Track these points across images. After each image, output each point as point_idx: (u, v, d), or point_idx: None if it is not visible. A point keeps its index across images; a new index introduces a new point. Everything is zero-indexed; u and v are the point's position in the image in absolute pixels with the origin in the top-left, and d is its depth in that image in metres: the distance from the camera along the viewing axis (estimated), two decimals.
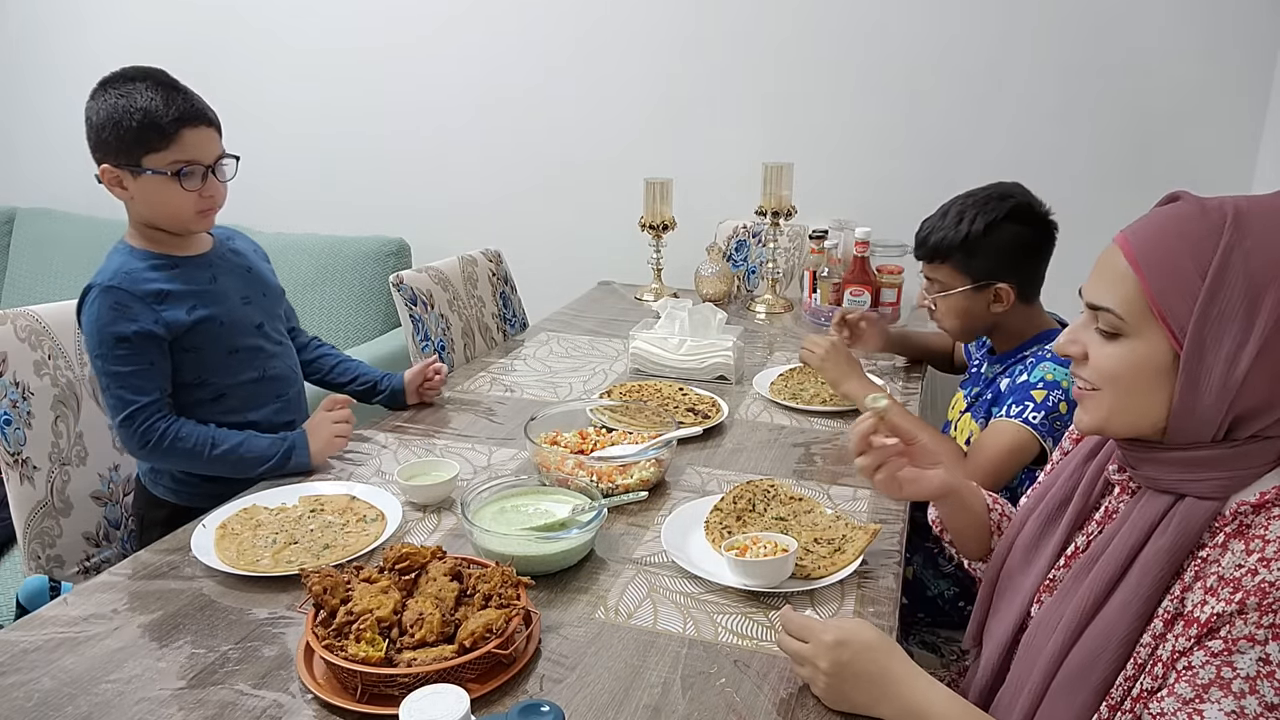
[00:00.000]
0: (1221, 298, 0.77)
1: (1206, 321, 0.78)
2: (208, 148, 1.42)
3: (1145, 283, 0.81)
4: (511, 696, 0.95)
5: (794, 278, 2.72)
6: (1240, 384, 0.78)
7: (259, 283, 1.59)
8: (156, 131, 1.36)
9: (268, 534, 1.25)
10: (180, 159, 1.38)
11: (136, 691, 0.95)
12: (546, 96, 2.95)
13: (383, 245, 2.99)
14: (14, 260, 3.37)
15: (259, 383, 1.53)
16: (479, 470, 1.50)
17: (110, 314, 1.39)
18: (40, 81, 3.44)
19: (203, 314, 1.45)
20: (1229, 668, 0.74)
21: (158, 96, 1.36)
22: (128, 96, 1.36)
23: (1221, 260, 0.77)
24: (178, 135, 1.37)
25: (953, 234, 1.57)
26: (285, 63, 3.14)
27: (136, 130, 1.35)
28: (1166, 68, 2.43)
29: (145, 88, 1.36)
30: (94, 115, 1.38)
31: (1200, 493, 0.82)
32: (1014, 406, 1.48)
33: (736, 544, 1.18)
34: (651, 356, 1.97)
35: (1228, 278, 0.77)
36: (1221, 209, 0.79)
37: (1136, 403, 0.84)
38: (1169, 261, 0.80)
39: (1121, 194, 2.47)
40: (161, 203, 1.42)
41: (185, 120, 1.38)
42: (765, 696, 0.96)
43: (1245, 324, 0.77)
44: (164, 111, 1.36)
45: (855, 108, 2.69)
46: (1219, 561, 0.78)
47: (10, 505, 1.47)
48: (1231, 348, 0.78)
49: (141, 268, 1.44)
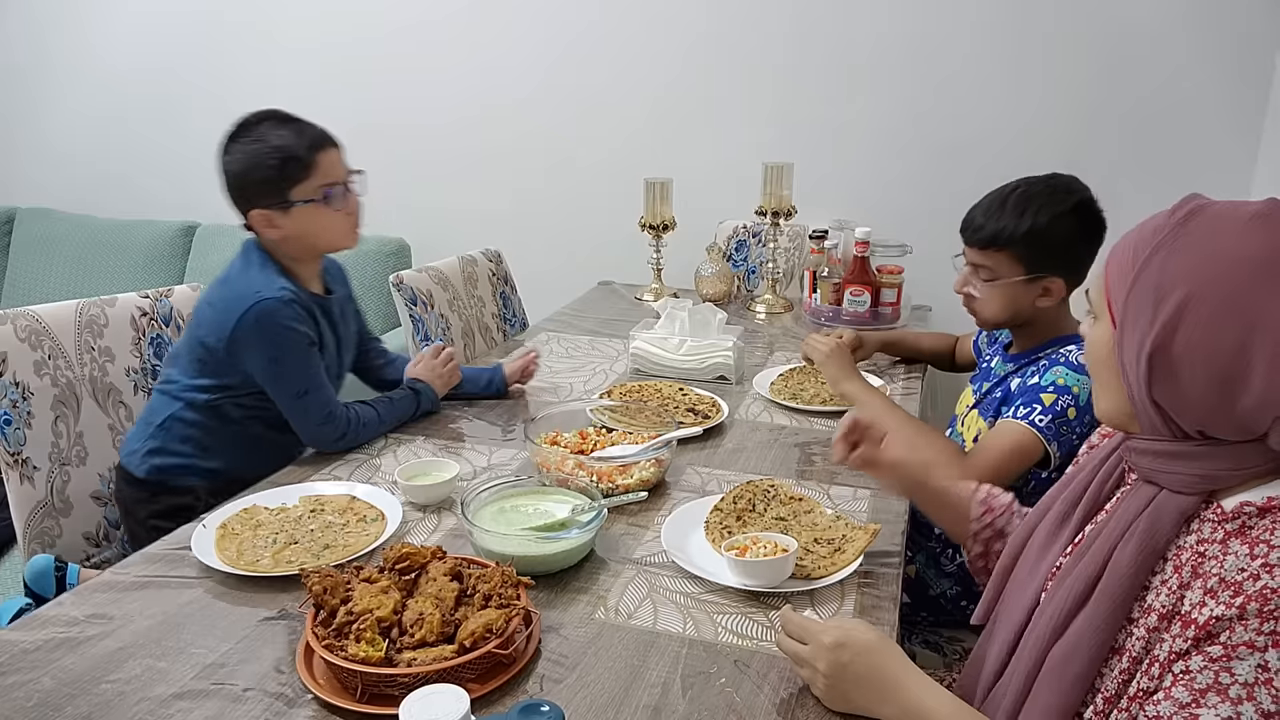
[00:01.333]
0: (1138, 288, 0.80)
1: (1125, 308, 0.82)
2: (341, 167, 1.52)
3: (1106, 267, 0.85)
4: (511, 696, 0.95)
5: (794, 278, 2.72)
6: (1147, 378, 0.80)
7: (347, 340, 1.67)
8: (297, 164, 1.45)
9: (268, 534, 1.25)
10: (324, 182, 1.48)
11: (136, 691, 0.95)
12: (547, 96, 2.95)
13: (383, 245, 2.99)
14: (14, 260, 3.37)
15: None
16: (479, 470, 1.50)
17: (294, 326, 1.46)
18: (40, 82, 3.43)
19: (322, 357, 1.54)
20: (1227, 673, 0.73)
21: (287, 132, 1.45)
22: (260, 140, 1.44)
23: (1151, 252, 0.80)
24: (314, 161, 1.46)
25: (1014, 224, 1.53)
26: (285, 62, 3.14)
27: (279, 167, 1.44)
28: (1167, 68, 2.43)
29: (271, 127, 1.45)
30: (232, 166, 1.45)
31: (1172, 485, 0.83)
32: (1021, 408, 1.48)
33: (736, 544, 1.18)
34: (651, 356, 1.97)
35: (1149, 270, 0.80)
36: (1188, 210, 0.81)
37: (1102, 385, 0.88)
38: (1124, 250, 0.84)
39: (1122, 194, 2.44)
40: (319, 229, 1.51)
41: (318, 146, 1.47)
42: (765, 696, 0.96)
43: (1150, 318, 0.79)
44: (298, 143, 1.45)
45: (855, 108, 2.70)
46: (1220, 561, 0.78)
47: (10, 505, 1.47)
48: (1137, 339, 0.81)
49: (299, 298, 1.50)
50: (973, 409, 1.70)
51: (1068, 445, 1.47)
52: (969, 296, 1.63)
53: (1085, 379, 1.47)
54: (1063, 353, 1.52)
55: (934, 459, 1.51)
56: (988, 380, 1.71)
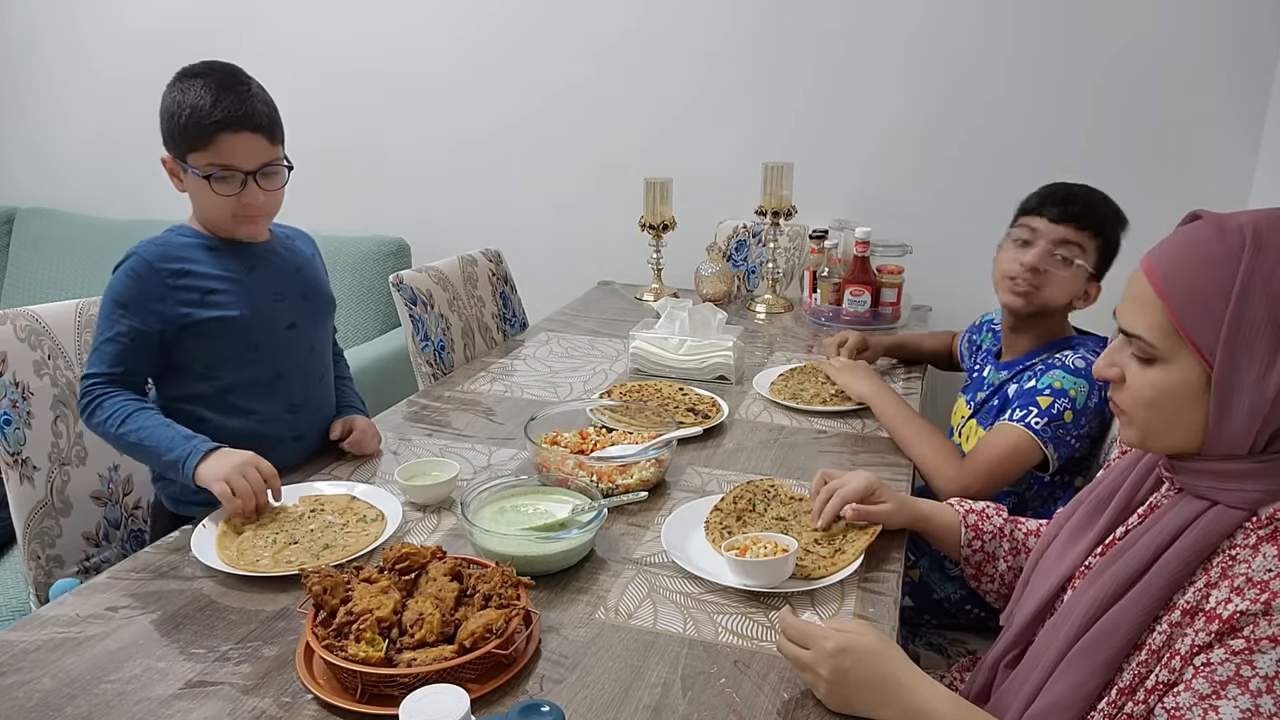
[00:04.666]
0: (1247, 321, 0.79)
1: (1234, 345, 0.79)
2: (248, 153, 1.38)
3: (1170, 309, 0.82)
4: (511, 696, 0.95)
5: (794, 278, 2.72)
6: (1271, 403, 0.79)
7: (305, 284, 1.55)
8: (198, 131, 1.35)
9: (268, 534, 1.25)
10: (215, 163, 1.37)
11: (136, 691, 0.95)
12: (546, 96, 2.95)
13: (383, 245, 2.99)
14: (14, 260, 3.37)
15: (277, 382, 1.49)
16: (479, 470, 1.50)
17: (125, 280, 1.38)
18: (40, 82, 3.43)
19: (219, 302, 1.41)
20: (1249, 666, 0.74)
21: (208, 96, 1.34)
22: (185, 92, 1.36)
23: (1244, 284, 0.79)
24: (215, 138, 1.35)
25: (1115, 220, 1.55)
26: (285, 63, 3.13)
27: (183, 127, 1.36)
28: (1169, 68, 2.43)
29: (201, 85, 1.35)
30: (161, 104, 1.39)
31: (1231, 502, 0.83)
32: (1018, 410, 1.48)
33: (736, 544, 1.18)
34: (651, 356, 1.97)
35: (1251, 300, 0.78)
36: (1240, 230, 0.80)
37: (1173, 424, 0.86)
38: (1192, 286, 0.81)
39: (1123, 196, 2.46)
40: (200, 203, 1.43)
41: (227, 124, 1.35)
42: (765, 696, 0.96)
43: (1272, 344, 0.78)
44: (208, 113, 1.34)
45: (855, 108, 2.69)
46: (1249, 563, 0.79)
47: (10, 505, 1.46)
48: (1260, 369, 0.79)
49: (180, 242, 1.43)
50: (970, 419, 1.70)
51: (1065, 448, 1.47)
52: (1035, 271, 1.54)
53: (1083, 382, 1.47)
54: (1059, 357, 1.52)
55: (932, 460, 1.52)
56: (981, 390, 1.71)
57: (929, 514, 1.25)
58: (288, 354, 1.51)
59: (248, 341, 1.45)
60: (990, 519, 1.23)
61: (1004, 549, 1.21)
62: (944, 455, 1.52)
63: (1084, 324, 1.67)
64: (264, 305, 1.47)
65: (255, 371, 1.47)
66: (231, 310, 1.42)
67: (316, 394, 1.57)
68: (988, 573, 1.23)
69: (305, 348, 1.54)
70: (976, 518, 1.23)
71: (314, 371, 1.56)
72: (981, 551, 1.22)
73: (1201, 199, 2.68)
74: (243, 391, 1.46)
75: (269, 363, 1.48)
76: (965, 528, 1.23)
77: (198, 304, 1.40)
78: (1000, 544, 1.21)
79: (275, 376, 1.49)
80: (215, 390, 1.45)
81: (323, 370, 1.59)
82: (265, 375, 1.48)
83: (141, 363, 1.41)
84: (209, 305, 1.41)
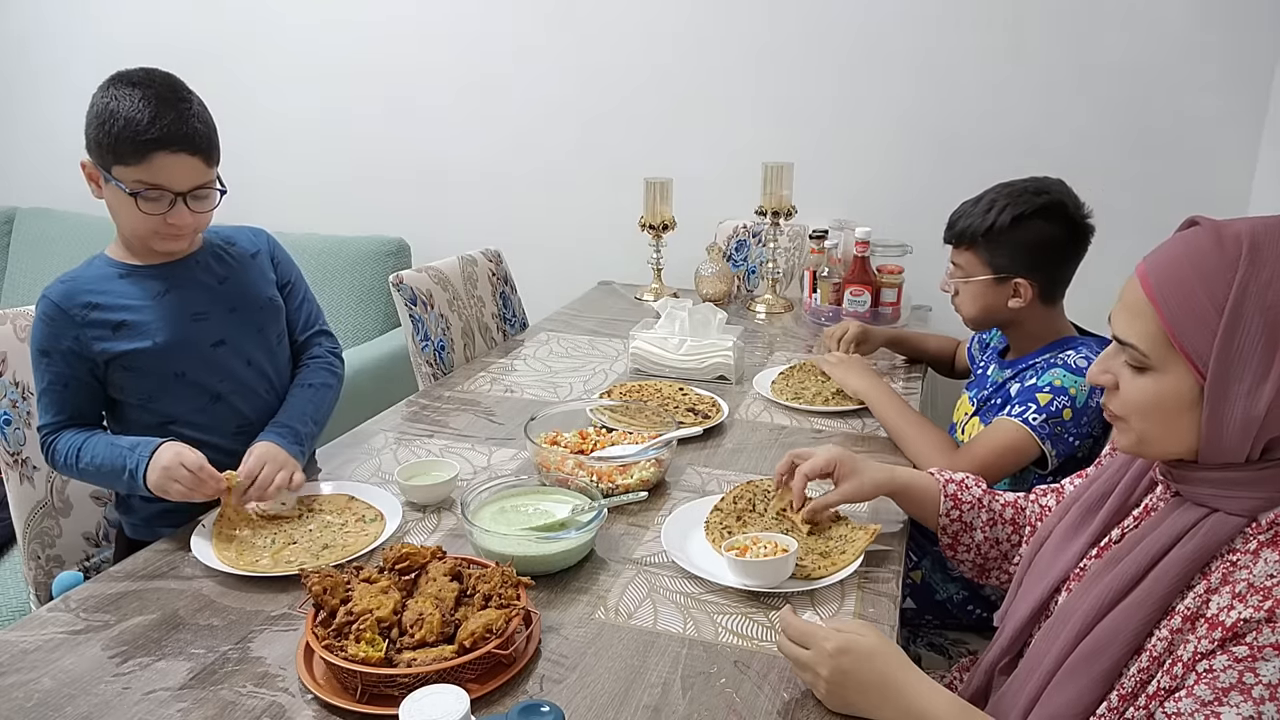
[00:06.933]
0: (1240, 332, 0.78)
1: (1227, 356, 0.79)
2: (182, 176, 1.30)
3: (1164, 318, 0.82)
4: (511, 696, 0.95)
5: (794, 278, 2.72)
6: (1264, 415, 0.79)
7: (232, 296, 1.44)
8: (130, 146, 1.26)
9: (267, 534, 1.25)
10: (145, 180, 1.28)
11: (136, 691, 0.95)
12: (546, 96, 2.95)
13: (382, 245, 2.99)
14: (14, 260, 3.37)
15: (217, 403, 1.42)
16: (479, 470, 1.50)
17: (39, 326, 1.34)
18: (40, 81, 3.43)
19: (132, 333, 1.34)
20: (1251, 673, 0.74)
21: (146, 110, 1.26)
22: (119, 100, 1.27)
23: (1238, 295, 0.78)
24: (148, 157, 1.27)
25: (979, 222, 1.56)
26: (285, 63, 3.14)
27: (114, 138, 1.27)
28: (1169, 67, 2.43)
29: (140, 96, 1.27)
30: (91, 107, 1.31)
31: (1231, 509, 0.83)
32: (1017, 406, 1.49)
33: (737, 544, 1.18)
34: (651, 356, 1.97)
35: (1245, 312, 0.78)
36: (1237, 239, 0.80)
37: (1167, 432, 0.86)
38: (1186, 296, 0.81)
39: (1124, 197, 2.47)
40: (121, 217, 1.35)
41: (163, 143, 1.27)
42: (765, 696, 0.96)
43: (1265, 357, 0.78)
44: (144, 129, 1.26)
45: (855, 108, 2.69)
46: (1250, 568, 0.79)
47: (10, 505, 1.47)
48: (1253, 381, 0.79)
49: (91, 275, 1.37)
50: (973, 416, 1.70)
51: (1064, 446, 1.47)
52: (951, 294, 1.67)
53: (1084, 381, 1.47)
54: (1061, 356, 1.52)
55: (925, 453, 1.52)
56: (984, 387, 1.71)
57: (908, 481, 1.25)
58: (221, 373, 1.42)
59: (172, 369, 1.37)
60: (970, 489, 1.23)
61: (981, 519, 1.22)
62: (938, 448, 1.52)
63: (1084, 324, 1.67)
64: (182, 328, 1.38)
65: (190, 398, 1.40)
66: (144, 340, 1.35)
67: (266, 406, 1.47)
68: (964, 543, 1.23)
69: (241, 362, 1.44)
70: (956, 487, 1.23)
71: (257, 385, 1.47)
72: (959, 521, 1.22)
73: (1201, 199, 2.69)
74: (186, 420, 1.40)
75: (203, 386, 1.40)
76: (945, 496, 1.22)
77: (110, 338, 1.34)
78: (978, 514, 1.22)
79: (213, 399, 1.41)
80: (158, 422, 1.39)
81: (270, 381, 1.49)
82: (202, 399, 1.41)
83: (84, 404, 1.37)
84: (122, 337, 1.34)
